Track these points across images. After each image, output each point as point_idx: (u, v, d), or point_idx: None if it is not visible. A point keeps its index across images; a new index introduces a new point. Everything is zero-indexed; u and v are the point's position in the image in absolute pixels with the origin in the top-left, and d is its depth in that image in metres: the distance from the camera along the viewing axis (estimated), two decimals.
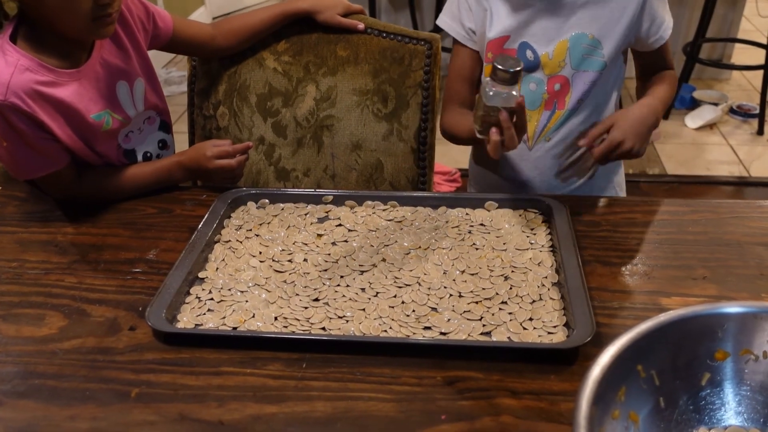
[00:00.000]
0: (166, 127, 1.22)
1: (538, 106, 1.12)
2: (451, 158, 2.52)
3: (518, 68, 0.87)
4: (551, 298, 0.83)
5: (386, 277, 0.88)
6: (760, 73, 2.91)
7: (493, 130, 0.92)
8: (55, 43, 1.01)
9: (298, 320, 0.81)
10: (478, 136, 0.96)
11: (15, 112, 0.97)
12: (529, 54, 1.09)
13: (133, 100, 1.12)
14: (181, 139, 1.34)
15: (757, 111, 2.93)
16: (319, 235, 0.98)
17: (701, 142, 2.87)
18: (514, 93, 0.90)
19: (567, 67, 1.08)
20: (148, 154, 1.18)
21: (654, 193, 2.52)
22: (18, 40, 0.99)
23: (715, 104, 3.05)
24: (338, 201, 1.05)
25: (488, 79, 0.91)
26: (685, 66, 3.05)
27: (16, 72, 0.96)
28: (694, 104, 3.10)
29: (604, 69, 1.08)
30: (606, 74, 1.09)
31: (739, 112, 3.04)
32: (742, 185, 2.58)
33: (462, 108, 1.18)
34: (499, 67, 0.87)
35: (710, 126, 2.97)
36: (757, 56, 3.00)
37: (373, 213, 1.03)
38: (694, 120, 2.98)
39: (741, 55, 3.33)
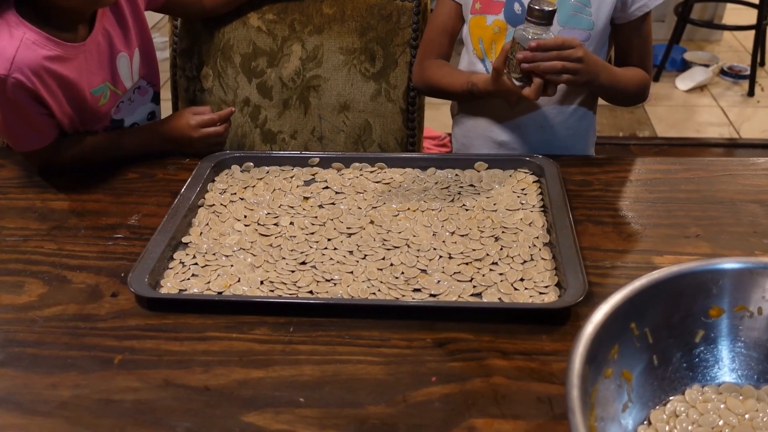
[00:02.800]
0: (157, 98, 1.18)
1: None
2: (440, 123, 2.49)
3: (553, 8, 0.91)
4: (542, 259, 0.82)
5: (374, 240, 0.87)
6: (752, 33, 2.88)
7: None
8: (58, 15, 0.97)
9: (285, 284, 0.80)
10: (516, 83, 0.96)
11: (17, 88, 0.93)
12: (516, 7, 1.06)
13: (132, 71, 1.10)
14: (165, 106, 1.30)
15: (748, 72, 2.91)
16: (306, 198, 0.96)
17: (692, 104, 2.85)
18: (551, 34, 0.93)
19: (554, 24, 1.05)
20: (136, 126, 1.16)
21: (644, 156, 2.51)
22: (23, 13, 0.95)
23: (706, 66, 3.03)
24: (325, 163, 1.03)
25: (522, 25, 0.93)
26: (676, 27, 3.01)
27: (22, 47, 0.92)
28: (684, 66, 3.07)
29: (592, 29, 1.05)
30: (595, 36, 1.06)
31: (729, 73, 3.02)
32: (732, 147, 2.57)
33: (442, 60, 1.15)
34: (536, 7, 0.91)
35: (701, 88, 2.95)
36: (748, 16, 2.97)
37: (361, 175, 1.01)
38: (684, 82, 2.96)
39: (732, 15, 3.30)
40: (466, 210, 0.92)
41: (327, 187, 0.98)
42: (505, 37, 1.08)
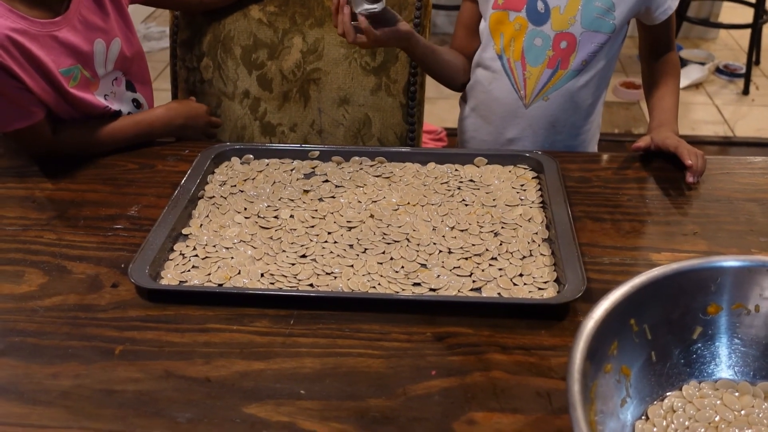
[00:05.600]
0: (131, 86, 1.18)
1: (541, 63, 1.10)
2: (437, 117, 2.49)
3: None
4: (542, 254, 0.82)
5: (374, 233, 0.87)
6: (747, 32, 2.89)
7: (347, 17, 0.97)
8: None
9: (285, 277, 0.80)
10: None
11: None
12: (540, 6, 1.06)
13: (106, 59, 1.09)
14: (163, 96, 1.30)
15: (744, 71, 2.92)
16: (306, 191, 0.96)
17: (687, 102, 2.86)
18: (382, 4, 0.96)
19: (576, 25, 1.06)
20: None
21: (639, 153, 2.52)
22: None
23: (702, 64, 3.04)
24: (325, 156, 1.03)
25: None
26: None
27: None
28: (680, 64, 3.08)
29: (613, 32, 1.06)
30: (613, 39, 1.08)
31: (725, 71, 3.03)
32: (726, 145, 2.58)
33: (451, 50, 1.19)
34: None
35: (696, 86, 2.96)
36: (744, 15, 2.98)
37: (361, 169, 1.01)
38: (680, 79, 2.96)
39: (729, 13, 3.31)
40: (466, 205, 0.92)
41: (327, 181, 0.98)
42: (524, 35, 1.08)
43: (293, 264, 0.82)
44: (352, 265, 0.81)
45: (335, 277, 0.80)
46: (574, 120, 1.14)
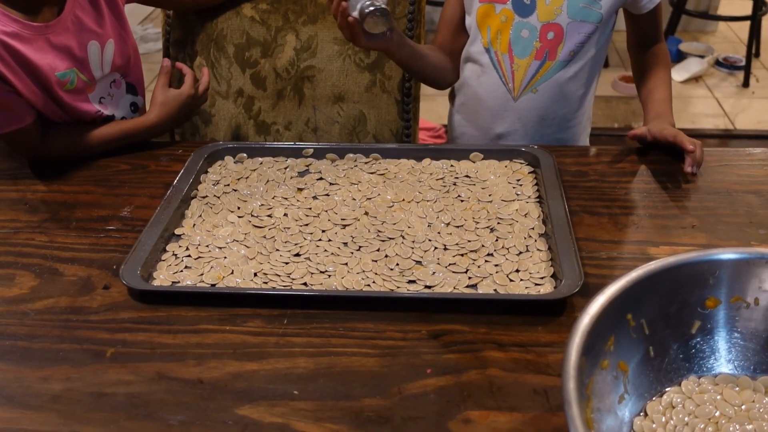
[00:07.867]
0: (133, 89, 1.17)
1: (528, 55, 1.08)
2: (435, 114, 2.48)
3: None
4: (538, 250, 0.81)
5: (369, 231, 0.86)
6: (747, 24, 2.88)
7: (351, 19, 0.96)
8: None
9: (279, 276, 0.79)
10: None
11: None
12: None
13: (102, 61, 1.08)
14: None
15: (743, 63, 2.91)
16: (300, 189, 0.95)
17: (687, 95, 2.85)
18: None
19: (563, 15, 1.05)
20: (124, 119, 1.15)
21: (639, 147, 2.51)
22: None
23: (701, 57, 3.02)
24: (319, 154, 1.02)
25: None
26: (671, 17, 3.00)
27: None
28: (680, 57, 3.07)
29: (600, 22, 1.05)
30: (601, 29, 1.07)
31: (725, 64, 3.02)
32: (727, 138, 2.57)
33: (439, 50, 1.17)
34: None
35: (696, 79, 2.95)
36: (743, 7, 2.96)
37: (355, 166, 1.00)
38: (679, 73, 2.95)
39: (727, 6, 3.29)
40: (462, 201, 0.91)
41: (321, 178, 0.97)
42: (511, 27, 1.07)
43: (287, 263, 0.81)
44: (346, 264, 0.81)
45: (329, 276, 0.79)
46: (563, 112, 1.13)
